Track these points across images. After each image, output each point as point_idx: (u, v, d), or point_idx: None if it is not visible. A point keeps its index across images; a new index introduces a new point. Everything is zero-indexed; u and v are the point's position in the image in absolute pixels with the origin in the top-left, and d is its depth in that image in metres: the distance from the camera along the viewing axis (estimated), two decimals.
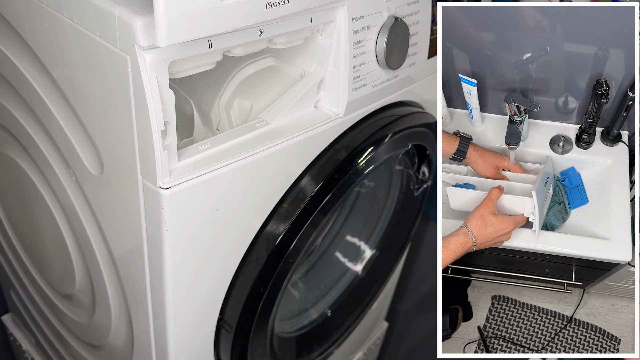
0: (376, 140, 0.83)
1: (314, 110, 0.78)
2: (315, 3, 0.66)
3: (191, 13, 0.52)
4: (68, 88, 0.68)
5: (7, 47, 0.74)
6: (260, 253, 0.76)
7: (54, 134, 0.74)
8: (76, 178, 0.75)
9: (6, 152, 0.88)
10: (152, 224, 0.65)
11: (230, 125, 0.77)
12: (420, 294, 1.47)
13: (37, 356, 1.24)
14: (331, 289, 1.13)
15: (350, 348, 1.31)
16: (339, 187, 0.79)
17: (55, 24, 0.63)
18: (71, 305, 0.96)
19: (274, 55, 0.79)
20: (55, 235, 0.86)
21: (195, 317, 0.76)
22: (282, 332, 1.01)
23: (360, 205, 1.11)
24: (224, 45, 0.62)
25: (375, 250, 1.12)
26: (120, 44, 0.56)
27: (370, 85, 0.80)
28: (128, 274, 0.75)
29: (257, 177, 0.71)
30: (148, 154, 0.60)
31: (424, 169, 1.02)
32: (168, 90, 0.59)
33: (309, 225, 0.77)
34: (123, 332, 0.85)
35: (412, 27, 0.82)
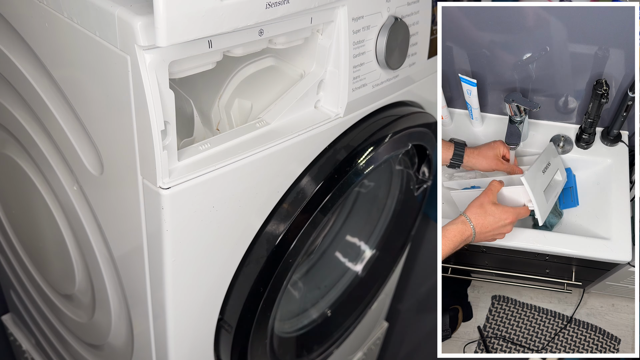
0: (376, 140, 0.83)
1: (314, 110, 0.78)
2: (315, 3, 0.66)
3: (191, 13, 0.52)
4: (68, 88, 0.68)
5: (7, 47, 0.74)
6: (260, 253, 0.76)
7: (54, 134, 0.74)
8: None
9: (6, 152, 0.88)
10: (152, 224, 0.65)
11: (230, 125, 0.77)
12: (420, 294, 1.47)
13: (37, 356, 1.24)
14: (331, 289, 1.13)
15: (350, 348, 1.31)
16: (339, 187, 0.79)
17: (55, 24, 0.63)
18: (71, 305, 0.96)
19: (274, 55, 0.79)
20: (55, 236, 0.86)
21: (195, 317, 0.76)
22: (282, 332, 1.01)
23: (360, 205, 1.11)
24: (224, 45, 0.62)
25: (375, 250, 1.12)
26: (120, 44, 0.56)
27: (370, 85, 0.80)
28: (128, 274, 0.75)
29: (257, 177, 0.71)
30: (148, 154, 0.60)
31: (424, 169, 1.02)
32: (168, 90, 0.59)
33: (309, 225, 0.77)
34: (123, 332, 0.85)
35: (412, 27, 0.82)
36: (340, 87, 0.76)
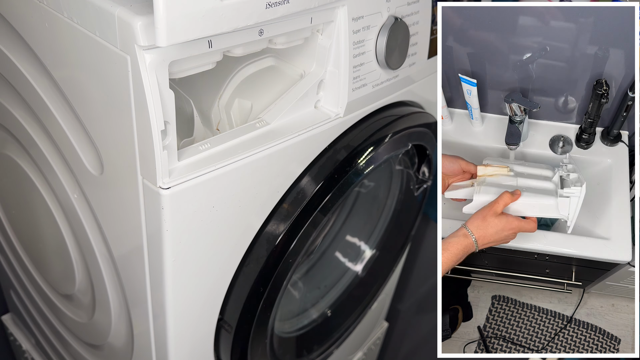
0: (376, 140, 0.83)
1: (314, 110, 0.78)
2: (315, 3, 0.66)
3: (191, 13, 0.52)
4: (68, 88, 0.68)
5: (7, 47, 0.74)
6: (260, 253, 0.76)
7: (54, 134, 0.74)
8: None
9: (6, 152, 0.88)
10: (152, 224, 0.65)
11: (230, 125, 0.77)
12: (420, 294, 1.47)
13: (37, 356, 1.24)
14: (331, 289, 1.13)
15: (350, 348, 1.31)
16: (339, 187, 0.79)
17: (55, 24, 0.63)
18: (71, 305, 0.96)
19: (274, 55, 0.79)
20: (55, 235, 0.86)
21: (195, 317, 0.76)
22: (282, 332, 1.01)
23: (360, 205, 1.11)
24: (224, 45, 0.62)
25: (375, 250, 1.12)
26: (120, 44, 0.56)
27: (370, 85, 0.80)
28: (128, 274, 0.75)
29: (257, 177, 0.71)
30: (148, 154, 0.60)
31: (424, 169, 1.02)
32: (168, 90, 0.59)
33: (309, 225, 0.77)
34: (123, 332, 0.85)
35: (412, 27, 0.82)
36: (340, 87, 0.76)
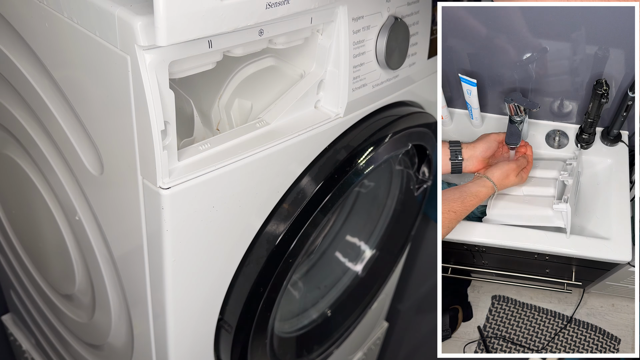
0: (376, 140, 0.83)
1: (314, 110, 0.78)
2: (315, 3, 0.66)
3: (191, 13, 0.52)
4: (68, 88, 0.68)
5: (7, 47, 0.74)
6: (260, 253, 0.76)
7: (54, 134, 0.74)
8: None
9: (6, 152, 0.88)
10: (152, 224, 0.65)
11: (230, 125, 0.77)
12: (420, 294, 1.47)
13: (37, 356, 1.24)
14: (331, 289, 1.13)
15: (350, 348, 1.31)
16: (339, 187, 0.79)
17: (55, 24, 0.63)
18: (71, 305, 0.96)
19: (274, 55, 0.79)
20: (55, 235, 0.86)
21: (195, 317, 0.76)
22: (282, 332, 1.01)
23: (360, 205, 1.11)
24: (224, 45, 0.62)
25: (375, 250, 1.12)
26: (120, 44, 0.56)
27: (370, 85, 0.80)
28: (128, 274, 0.75)
29: (257, 177, 0.71)
30: (148, 154, 0.60)
31: (424, 169, 1.02)
32: (168, 90, 0.59)
33: (309, 225, 0.77)
34: (123, 332, 0.85)
35: (412, 27, 0.82)
36: (340, 87, 0.76)
